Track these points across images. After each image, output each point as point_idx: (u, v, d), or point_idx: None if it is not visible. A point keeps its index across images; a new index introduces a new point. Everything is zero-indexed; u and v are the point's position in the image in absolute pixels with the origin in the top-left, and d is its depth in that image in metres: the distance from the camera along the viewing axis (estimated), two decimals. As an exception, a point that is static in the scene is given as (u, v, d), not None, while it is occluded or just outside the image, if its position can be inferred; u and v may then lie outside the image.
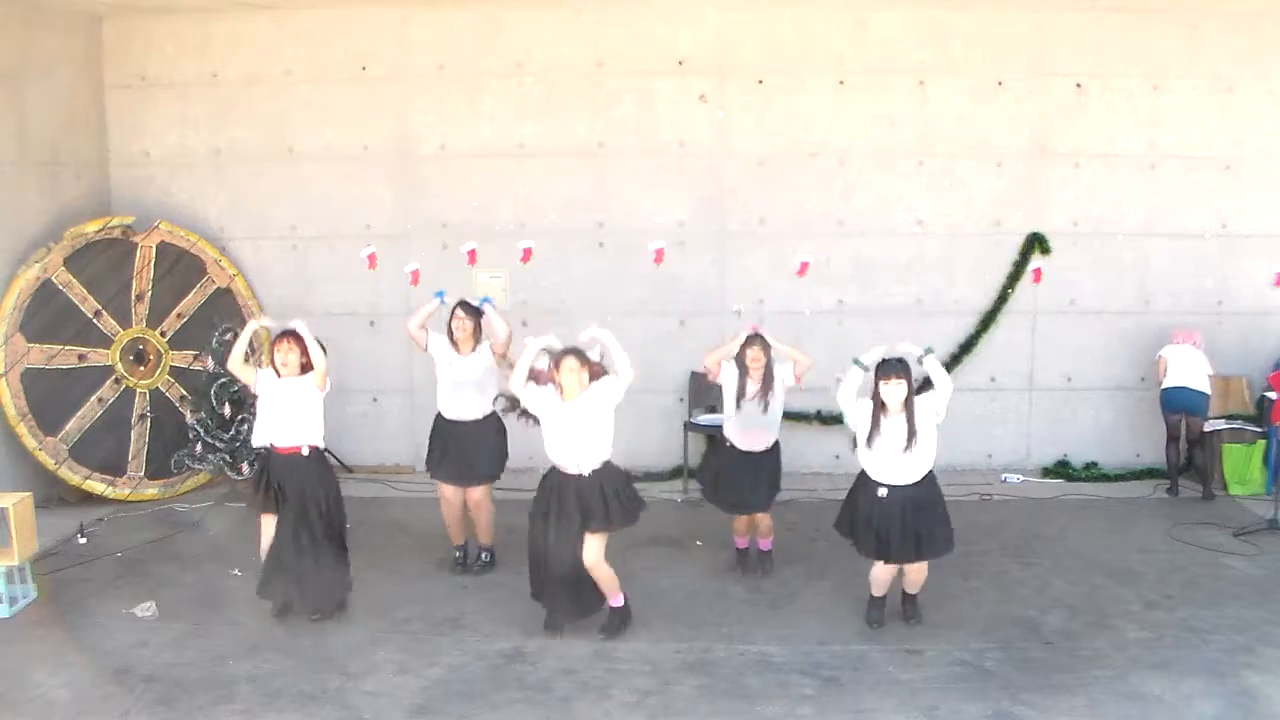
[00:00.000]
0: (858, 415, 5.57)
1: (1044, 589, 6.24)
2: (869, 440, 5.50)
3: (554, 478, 5.55)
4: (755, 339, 6.28)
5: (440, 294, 6.68)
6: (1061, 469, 8.60)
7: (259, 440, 5.81)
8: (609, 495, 5.46)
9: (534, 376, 5.57)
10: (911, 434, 5.41)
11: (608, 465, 5.54)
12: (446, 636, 5.64)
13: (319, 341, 5.83)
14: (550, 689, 5.06)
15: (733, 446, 6.37)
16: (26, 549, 5.97)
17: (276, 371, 5.75)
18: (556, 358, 5.46)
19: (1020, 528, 7.35)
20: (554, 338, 5.61)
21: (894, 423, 5.45)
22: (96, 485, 7.76)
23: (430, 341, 6.52)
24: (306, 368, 5.77)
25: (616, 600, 5.64)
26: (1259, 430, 8.13)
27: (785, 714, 4.83)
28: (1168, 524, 7.38)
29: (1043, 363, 8.66)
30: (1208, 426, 8.05)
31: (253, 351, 8.26)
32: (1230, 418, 8.26)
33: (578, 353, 5.47)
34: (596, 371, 5.53)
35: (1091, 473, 8.54)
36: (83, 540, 7.03)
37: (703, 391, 8.22)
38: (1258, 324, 8.41)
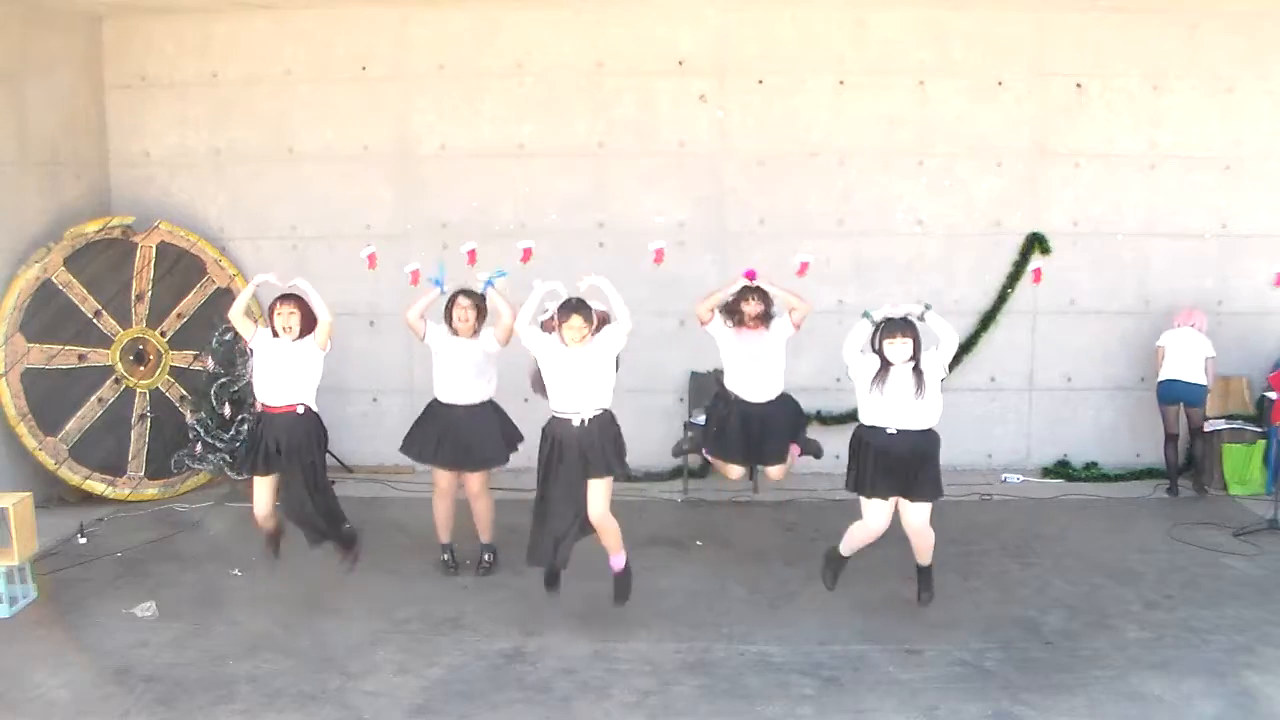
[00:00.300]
0: (862, 368, 5.61)
1: (1044, 589, 6.24)
2: (872, 388, 5.54)
3: (553, 427, 5.59)
4: (752, 290, 6.15)
5: (438, 281, 6.53)
6: (1061, 469, 8.60)
7: (258, 396, 5.84)
8: (606, 442, 5.54)
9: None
10: (919, 386, 5.48)
11: (607, 413, 5.61)
12: (446, 636, 5.64)
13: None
14: (550, 689, 5.06)
15: (738, 397, 6.23)
16: (26, 549, 5.97)
17: (275, 333, 5.75)
18: (561, 310, 5.54)
19: (1020, 528, 7.35)
20: (559, 285, 5.71)
21: (900, 373, 5.51)
22: (96, 485, 7.76)
23: (429, 331, 6.43)
24: (306, 330, 5.77)
25: (619, 559, 5.68)
26: (1259, 430, 8.13)
27: (785, 714, 4.83)
28: (1168, 524, 7.38)
29: (1043, 363, 8.66)
30: (1208, 426, 8.05)
31: (246, 354, 8.28)
32: (1230, 418, 8.26)
33: (583, 306, 5.55)
34: (602, 318, 5.63)
35: (1091, 473, 8.54)
36: (83, 540, 7.03)
37: (703, 391, 8.21)
38: (1258, 324, 8.41)
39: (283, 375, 5.77)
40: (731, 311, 6.24)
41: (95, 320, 7.94)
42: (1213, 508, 7.75)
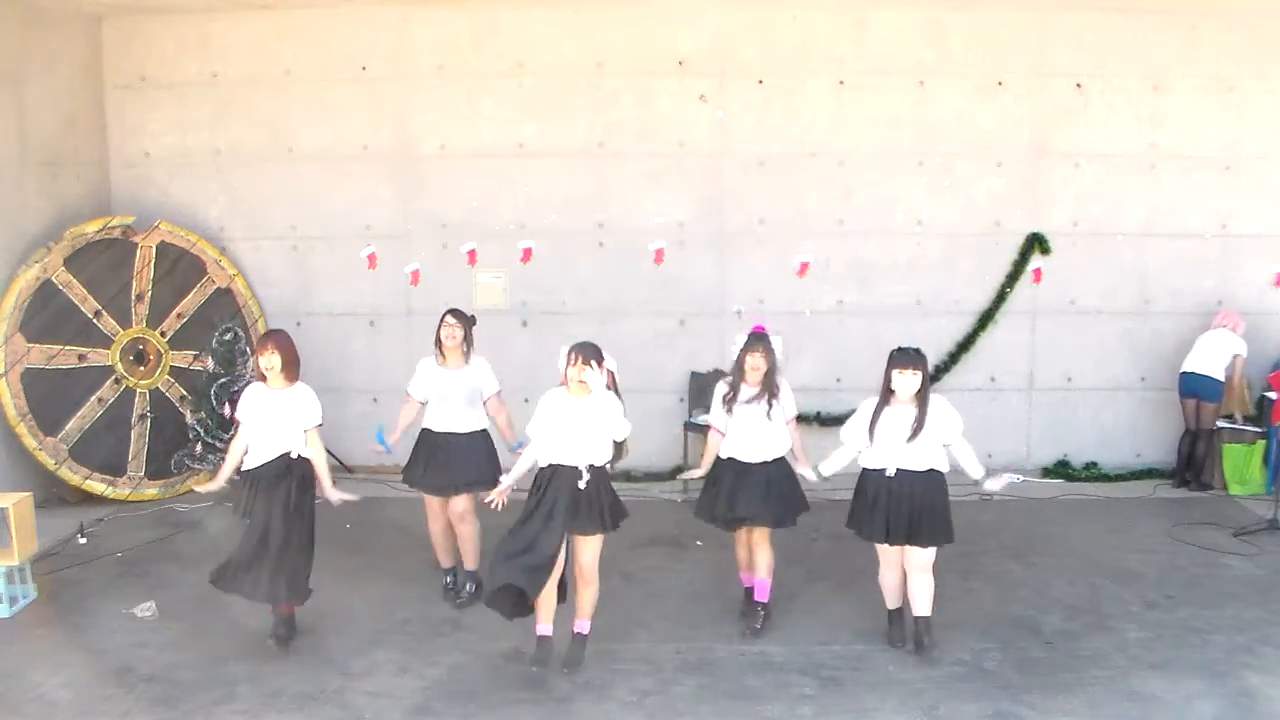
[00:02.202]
0: (861, 419, 5.43)
1: (1044, 589, 6.24)
2: (871, 431, 5.35)
3: (553, 474, 5.28)
4: (758, 341, 5.68)
5: (380, 438, 6.19)
6: (1061, 469, 8.61)
7: (251, 464, 5.45)
8: (604, 496, 5.26)
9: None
10: (919, 426, 5.26)
11: (603, 470, 5.30)
12: (446, 636, 5.64)
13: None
14: (550, 689, 5.06)
15: (730, 459, 5.70)
16: (26, 549, 5.97)
17: (262, 376, 5.49)
18: (571, 353, 5.19)
19: (1020, 528, 7.36)
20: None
21: (899, 413, 5.31)
22: (96, 485, 7.76)
23: (415, 382, 6.21)
24: (290, 373, 5.47)
25: (584, 626, 5.32)
26: (1259, 430, 8.14)
27: (785, 714, 4.83)
28: (1168, 524, 7.39)
29: (1043, 363, 8.66)
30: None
31: (252, 350, 8.27)
32: (1230, 417, 8.27)
33: (593, 349, 5.20)
34: (610, 378, 5.27)
35: (1091, 473, 8.55)
36: (83, 540, 7.03)
37: (702, 391, 8.22)
38: (1258, 324, 8.40)
39: (274, 423, 5.42)
40: (733, 367, 5.77)
41: (95, 320, 7.94)
42: (1213, 508, 7.76)
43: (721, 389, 5.79)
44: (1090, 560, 6.70)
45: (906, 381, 5.27)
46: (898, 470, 5.32)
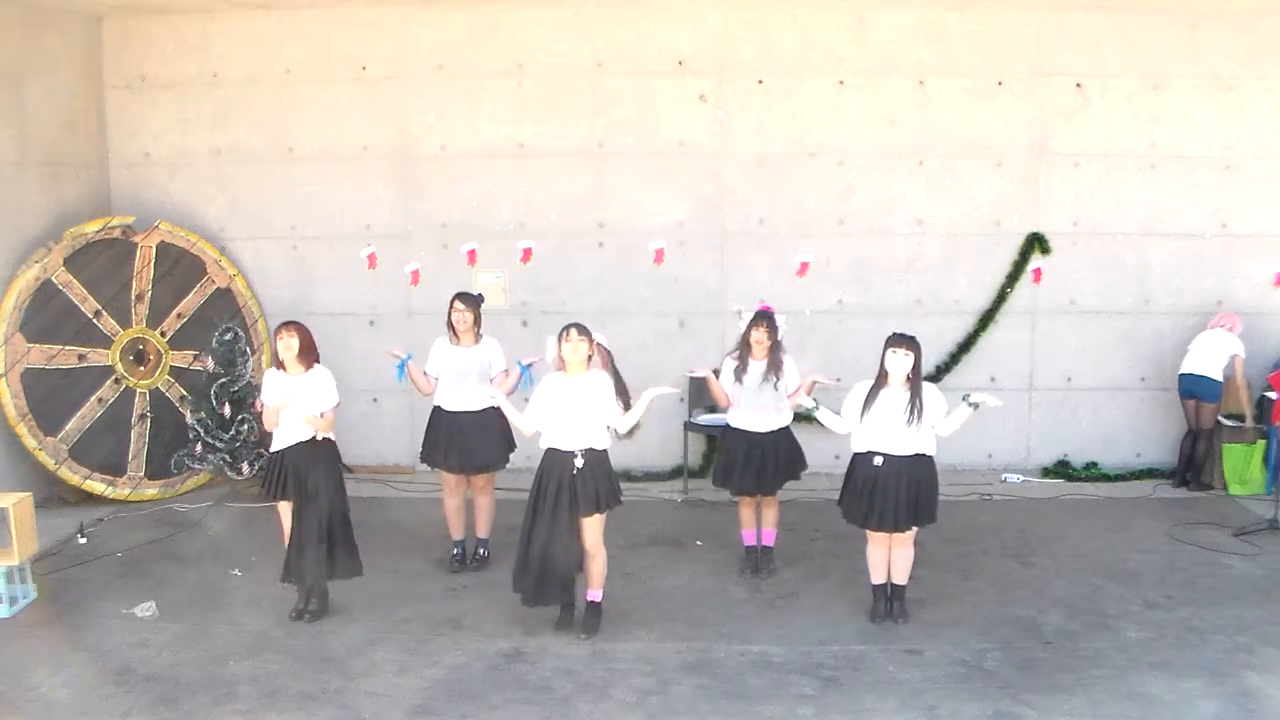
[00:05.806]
0: (850, 403, 5.58)
1: (1044, 589, 6.24)
2: (863, 413, 5.50)
3: (549, 460, 5.50)
4: (762, 318, 6.20)
5: (401, 366, 6.41)
6: (1061, 469, 8.61)
7: (277, 446, 5.75)
8: (599, 479, 5.48)
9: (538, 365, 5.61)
10: (913, 409, 5.41)
11: (604, 453, 5.53)
12: (446, 636, 5.64)
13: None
14: (550, 689, 5.06)
15: (741, 430, 6.30)
16: (26, 549, 5.97)
17: (281, 364, 5.74)
18: (562, 331, 5.46)
19: (1020, 528, 7.36)
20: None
21: (893, 396, 5.46)
22: (96, 485, 7.76)
23: (432, 361, 6.50)
24: (309, 358, 5.74)
25: (596, 594, 5.66)
26: (1259, 430, 8.14)
27: (785, 714, 4.83)
28: (1168, 524, 7.39)
29: (1043, 363, 8.66)
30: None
31: (252, 350, 8.30)
32: (1230, 417, 8.27)
33: (580, 327, 5.48)
34: (604, 357, 5.54)
35: (1091, 473, 8.55)
36: (83, 540, 7.03)
37: (703, 391, 8.21)
38: (1258, 324, 8.40)
39: (295, 407, 5.69)
40: (740, 343, 6.28)
41: (95, 320, 7.94)
42: (1213, 508, 7.76)
43: (731, 363, 6.32)
44: (1090, 560, 6.70)
45: (899, 361, 5.44)
46: (885, 457, 5.49)
